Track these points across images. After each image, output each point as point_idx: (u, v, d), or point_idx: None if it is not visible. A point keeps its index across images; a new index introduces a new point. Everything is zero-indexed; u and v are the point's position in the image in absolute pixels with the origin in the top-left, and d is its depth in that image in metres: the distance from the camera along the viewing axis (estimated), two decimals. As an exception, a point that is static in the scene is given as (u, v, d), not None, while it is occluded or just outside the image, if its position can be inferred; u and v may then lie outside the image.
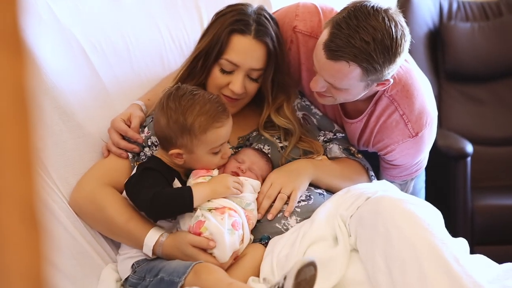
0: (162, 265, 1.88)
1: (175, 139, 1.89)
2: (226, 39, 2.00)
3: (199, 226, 1.85)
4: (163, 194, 1.84)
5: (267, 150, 2.11)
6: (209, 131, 1.88)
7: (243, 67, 2.01)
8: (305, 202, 2.01)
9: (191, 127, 1.87)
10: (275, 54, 2.04)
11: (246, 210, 1.93)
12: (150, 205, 1.84)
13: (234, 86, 2.01)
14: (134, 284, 1.92)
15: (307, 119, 2.24)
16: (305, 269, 1.62)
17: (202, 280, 1.76)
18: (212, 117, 1.88)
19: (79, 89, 2.09)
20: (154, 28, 2.32)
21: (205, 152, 1.92)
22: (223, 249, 1.84)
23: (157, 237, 1.90)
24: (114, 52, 2.20)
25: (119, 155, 2.04)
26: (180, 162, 1.94)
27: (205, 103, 1.89)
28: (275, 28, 2.06)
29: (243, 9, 2.04)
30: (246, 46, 2.00)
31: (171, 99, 1.90)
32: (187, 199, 1.84)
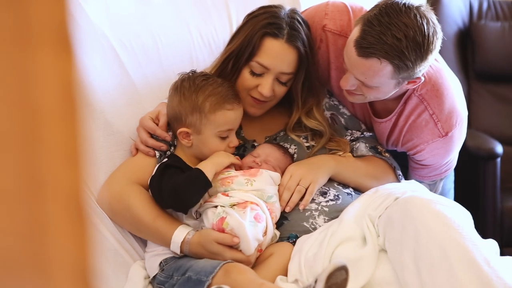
0: (190, 264, 1.88)
1: (185, 116, 1.94)
2: (258, 42, 2.00)
3: (221, 222, 1.86)
4: (179, 184, 1.86)
5: (293, 150, 2.11)
6: (219, 112, 1.92)
7: (274, 71, 2.01)
8: (333, 201, 2.01)
9: (202, 105, 1.91)
10: (306, 59, 2.04)
11: (268, 203, 1.94)
12: (175, 199, 1.87)
13: (263, 89, 2.01)
14: (162, 282, 1.93)
15: (335, 118, 2.23)
16: (336, 273, 1.62)
17: (232, 279, 1.76)
18: (223, 98, 1.93)
19: (108, 87, 2.10)
20: (184, 27, 2.32)
21: (212, 134, 1.94)
22: (247, 242, 1.84)
23: (184, 235, 1.90)
24: (144, 51, 2.21)
25: (147, 153, 2.05)
26: (188, 144, 1.97)
27: (218, 86, 1.95)
28: (307, 32, 2.06)
29: (277, 12, 2.04)
30: (278, 50, 2.00)
31: (185, 80, 1.96)
32: (201, 177, 1.87)
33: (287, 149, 2.10)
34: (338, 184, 2.06)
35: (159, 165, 1.97)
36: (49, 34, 0.65)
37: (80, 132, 0.68)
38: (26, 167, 0.67)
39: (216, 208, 1.89)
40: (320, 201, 2.01)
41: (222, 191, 1.93)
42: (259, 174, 1.96)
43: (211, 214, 1.89)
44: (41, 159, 0.67)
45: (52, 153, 0.67)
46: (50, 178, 0.67)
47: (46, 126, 0.67)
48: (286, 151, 2.09)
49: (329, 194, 2.02)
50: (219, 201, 1.90)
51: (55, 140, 0.67)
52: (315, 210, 1.99)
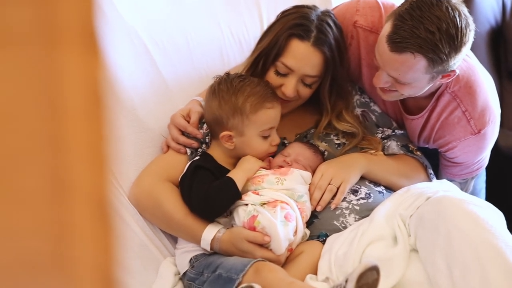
0: (220, 261, 1.88)
1: (226, 120, 1.94)
2: (284, 43, 2.00)
3: (252, 220, 1.86)
4: (209, 194, 1.88)
5: (323, 148, 2.10)
6: (260, 111, 1.92)
7: (298, 72, 2.00)
8: (364, 200, 2.00)
9: (242, 106, 1.92)
10: (333, 63, 2.02)
11: (299, 202, 1.93)
12: (204, 207, 1.90)
13: (286, 89, 2.01)
14: (192, 278, 1.94)
15: (366, 116, 2.22)
16: (367, 273, 1.61)
17: (262, 278, 1.77)
18: (262, 97, 1.93)
19: (140, 85, 2.11)
20: (215, 25, 2.33)
21: (255, 134, 1.95)
22: (278, 241, 1.84)
23: (214, 232, 1.91)
24: (175, 49, 2.22)
25: (178, 151, 2.06)
26: (231, 147, 1.97)
27: (255, 85, 1.95)
28: (338, 35, 2.04)
29: (307, 13, 2.03)
30: (303, 52, 1.99)
31: (222, 83, 1.96)
32: (232, 187, 1.88)
33: (317, 148, 2.09)
34: (369, 182, 2.04)
35: (190, 164, 1.98)
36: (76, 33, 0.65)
37: (106, 132, 0.68)
38: (51, 168, 0.67)
39: (247, 206, 1.89)
40: (351, 199, 1.99)
41: (252, 189, 1.93)
42: (290, 173, 1.96)
43: (242, 212, 1.89)
44: (66, 159, 0.67)
45: (77, 154, 0.67)
46: (75, 179, 0.68)
47: (71, 126, 0.67)
48: (317, 150, 2.08)
49: (360, 193, 2.01)
50: (250, 199, 1.90)
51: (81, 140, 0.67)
52: (346, 209, 1.98)
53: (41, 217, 0.68)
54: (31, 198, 0.68)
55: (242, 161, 1.97)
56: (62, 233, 0.68)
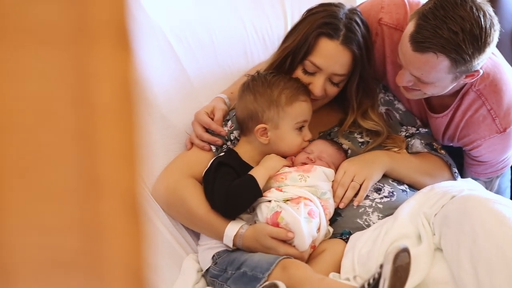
0: (244, 258, 1.88)
1: (262, 113, 1.95)
2: (313, 41, 1.99)
3: (275, 216, 1.86)
4: (231, 192, 1.88)
5: (347, 145, 2.09)
6: (295, 103, 1.94)
7: (326, 71, 2.00)
8: (387, 198, 1.99)
9: (278, 98, 1.94)
10: (361, 61, 2.02)
11: (322, 200, 1.93)
12: (224, 205, 1.90)
13: (314, 88, 2.01)
14: (215, 275, 1.94)
15: (390, 114, 2.20)
16: (401, 254, 1.59)
17: (290, 275, 1.76)
18: (297, 90, 1.96)
19: (164, 82, 2.12)
20: (239, 22, 2.33)
21: (290, 127, 1.96)
22: (301, 238, 1.84)
23: (237, 229, 1.91)
24: (199, 46, 2.22)
25: (202, 148, 2.06)
26: (265, 141, 1.97)
27: (288, 80, 1.98)
28: (365, 33, 2.03)
29: (335, 11, 2.02)
30: (332, 51, 1.99)
31: (255, 79, 1.99)
32: (253, 185, 1.88)
33: (341, 145, 2.08)
34: (393, 181, 2.03)
35: (214, 160, 1.98)
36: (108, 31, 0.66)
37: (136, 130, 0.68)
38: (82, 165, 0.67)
39: (270, 203, 1.89)
40: (374, 197, 1.99)
41: (275, 186, 1.93)
42: (313, 170, 1.95)
43: (265, 209, 1.89)
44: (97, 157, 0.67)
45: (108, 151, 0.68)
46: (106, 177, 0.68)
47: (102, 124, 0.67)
48: (340, 147, 2.07)
49: (384, 191, 2.00)
50: (273, 195, 1.90)
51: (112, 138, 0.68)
52: (369, 207, 1.97)
53: (72, 214, 0.68)
54: (62, 196, 0.68)
55: (265, 158, 1.97)
56: (93, 231, 0.68)
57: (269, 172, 1.93)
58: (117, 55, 0.67)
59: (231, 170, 1.94)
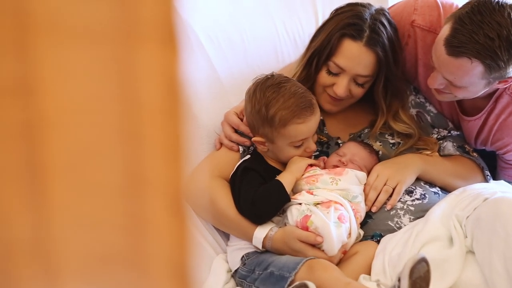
0: (272, 259, 1.88)
1: (257, 127, 1.93)
2: (336, 42, 1.98)
3: (305, 220, 1.85)
4: (258, 199, 1.88)
5: (378, 147, 2.08)
6: (289, 126, 1.88)
7: (349, 72, 1.99)
8: (419, 200, 1.97)
9: (271, 119, 1.88)
10: (386, 63, 2.00)
11: (353, 203, 1.91)
12: (251, 212, 1.90)
13: (337, 88, 2.00)
14: (243, 276, 1.94)
15: (421, 116, 2.19)
16: (417, 266, 1.59)
17: (316, 276, 1.75)
18: (293, 112, 1.88)
19: (194, 80, 2.12)
20: (270, 21, 2.33)
21: (285, 145, 1.93)
22: (331, 243, 1.83)
23: (267, 231, 1.90)
24: (230, 45, 2.22)
25: (230, 148, 2.06)
26: (264, 150, 1.97)
27: (289, 97, 1.89)
28: (392, 34, 2.01)
29: (361, 11, 2.00)
30: (355, 52, 1.97)
31: (258, 88, 1.93)
32: (281, 191, 1.87)
33: (373, 149, 2.07)
34: (424, 183, 2.02)
35: (240, 165, 1.98)
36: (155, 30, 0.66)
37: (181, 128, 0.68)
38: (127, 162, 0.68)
39: (301, 206, 1.88)
40: (406, 200, 1.97)
41: (306, 189, 1.92)
42: (345, 173, 1.94)
43: (296, 211, 1.88)
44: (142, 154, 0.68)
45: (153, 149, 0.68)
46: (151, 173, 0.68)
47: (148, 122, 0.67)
48: (372, 150, 2.06)
49: (416, 193, 1.99)
50: (303, 198, 1.89)
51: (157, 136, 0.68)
52: (401, 209, 1.96)
53: (117, 210, 0.69)
54: (108, 192, 0.68)
55: (290, 162, 1.96)
56: (137, 227, 0.69)
57: (295, 175, 1.92)
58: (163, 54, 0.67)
59: (257, 175, 1.93)
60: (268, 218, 1.92)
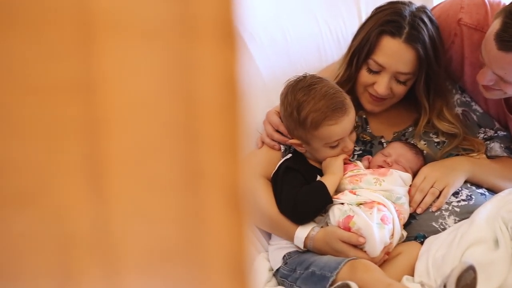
0: (313, 259, 1.88)
1: (292, 130, 1.93)
2: (376, 40, 1.97)
3: (347, 221, 1.84)
4: (300, 200, 1.87)
5: (423, 147, 2.06)
6: (321, 128, 1.88)
7: (389, 70, 1.97)
8: (465, 202, 1.95)
9: (303, 122, 1.88)
10: (427, 60, 1.97)
11: (396, 204, 1.90)
12: (293, 212, 1.89)
13: (378, 87, 1.98)
14: (285, 275, 1.93)
15: (467, 115, 2.15)
16: (464, 274, 1.58)
17: (358, 277, 1.74)
18: (324, 114, 1.87)
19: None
20: (312, 20, 2.32)
21: (321, 146, 1.92)
22: (373, 244, 1.82)
23: (308, 230, 1.90)
24: (272, 44, 2.22)
25: (272, 147, 2.06)
26: (302, 151, 1.96)
27: (320, 99, 1.88)
28: (433, 32, 1.99)
29: (400, 9, 1.99)
30: (394, 49, 1.96)
31: (290, 91, 1.93)
32: (323, 193, 1.86)
33: (419, 150, 2.04)
34: (471, 184, 1.99)
35: (281, 164, 1.97)
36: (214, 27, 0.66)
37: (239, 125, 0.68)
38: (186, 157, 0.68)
39: (343, 206, 1.87)
40: (451, 201, 1.95)
41: (349, 188, 1.91)
42: (389, 174, 1.93)
43: (338, 212, 1.87)
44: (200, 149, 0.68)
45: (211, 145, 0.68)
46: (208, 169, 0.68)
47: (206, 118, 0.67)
48: (418, 151, 2.03)
49: (461, 194, 1.96)
50: (346, 198, 1.88)
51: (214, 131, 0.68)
52: (445, 210, 1.93)
53: (175, 206, 0.69)
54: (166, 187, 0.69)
55: (325, 165, 1.94)
56: (195, 222, 0.69)
57: (338, 176, 1.91)
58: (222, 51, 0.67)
59: (298, 175, 1.92)
60: (309, 219, 1.91)
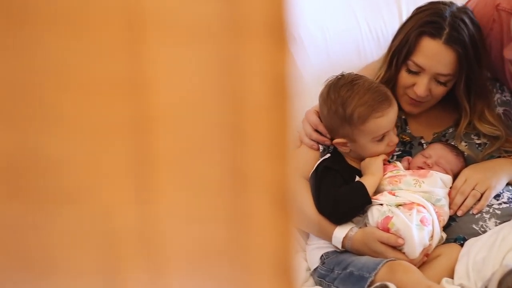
0: (351, 259, 1.87)
1: (337, 129, 1.91)
2: (415, 41, 1.95)
3: (386, 222, 1.83)
4: (339, 199, 1.86)
5: (463, 148, 2.03)
6: (369, 121, 1.86)
7: (429, 71, 1.95)
8: (506, 204, 1.92)
9: (350, 117, 1.87)
10: (467, 61, 1.94)
11: (436, 206, 1.88)
12: (332, 211, 1.88)
13: (418, 88, 1.96)
14: (322, 275, 1.93)
15: (508, 115, 2.12)
16: (506, 277, 1.56)
17: (397, 278, 1.73)
18: (370, 107, 1.86)
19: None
20: (352, 19, 2.31)
21: (367, 141, 1.90)
22: (412, 246, 1.80)
23: (346, 231, 1.89)
24: (311, 41, 2.22)
25: (310, 147, 2.04)
26: (346, 150, 1.94)
27: (364, 93, 1.88)
28: (474, 32, 1.96)
29: (441, 9, 1.96)
30: (434, 51, 1.93)
31: (331, 89, 1.92)
32: (363, 194, 1.85)
33: (460, 152, 2.02)
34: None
35: (320, 163, 1.96)
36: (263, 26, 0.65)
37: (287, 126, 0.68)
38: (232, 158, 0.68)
39: (382, 206, 1.86)
40: (492, 203, 1.92)
41: (389, 189, 1.90)
42: (429, 175, 1.91)
43: (377, 212, 1.86)
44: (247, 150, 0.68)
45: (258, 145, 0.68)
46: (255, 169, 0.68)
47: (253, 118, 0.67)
48: (459, 153, 2.01)
49: (503, 197, 1.94)
50: (385, 199, 1.86)
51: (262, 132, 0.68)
52: (486, 213, 1.91)
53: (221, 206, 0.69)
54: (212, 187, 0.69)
55: (364, 165, 1.93)
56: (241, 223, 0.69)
57: (378, 177, 1.90)
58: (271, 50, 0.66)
59: (337, 175, 1.92)
60: (348, 219, 1.91)
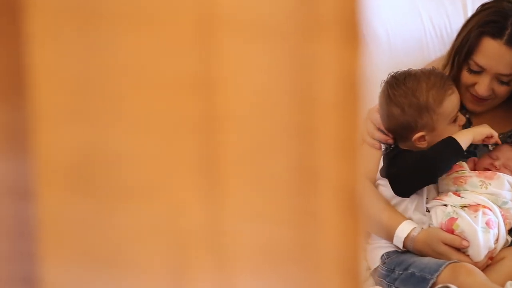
0: (412, 260, 1.85)
1: (415, 122, 1.87)
2: (475, 41, 1.91)
3: (451, 223, 1.80)
4: (428, 151, 1.84)
5: (531, 148, 1.99)
6: (445, 101, 1.85)
7: (490, 71, 1.91)
8: None
9: (426, 104, 1.85)
10: None
11: (502, 209, 1.84)
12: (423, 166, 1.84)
13: (479, 88, 1.93)
14: (383, 275, 1.91)
15: None
16: None
17: (460, 280, 1.71)
18: (441, 87, 1.86)
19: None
20: (416, 16, 2.28)
21: (446, 124, 1.88)
22: (477, 248, 1.78)
23: (409, 231, 1.87)
24: (374, 39, 2.20)
25: (372, 146, 2.02)
26: (424, 145, 1.90)
27: (428, 78, 1.87)
28: None
29: (504, 8, 1.92)
30: (494, 51, 1.90)
31: (394, 87, 1.89)
32: (454, 143, 1.82)
33: None
34: None
35: (387, 154, 1.94)
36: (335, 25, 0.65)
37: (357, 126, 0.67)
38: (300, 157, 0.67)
39: (446, 207, 1.83)
40: (561, 207, 1.88)
41: (453, 190, 1.87)
42: (496, 177, 1.87)
43: (441, 213, 1.83)
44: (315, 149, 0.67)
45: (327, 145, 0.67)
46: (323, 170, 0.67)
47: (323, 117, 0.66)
48: None
49: None
50: (450, 200, 1.84)
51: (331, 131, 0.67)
52: (554, 216, 1.86)
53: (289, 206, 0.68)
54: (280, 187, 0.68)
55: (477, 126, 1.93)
56: (308, 223, 0.68)
57: (473, 135, 1.87)
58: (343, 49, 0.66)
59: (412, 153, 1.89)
60: (442, 173, 1.86)
